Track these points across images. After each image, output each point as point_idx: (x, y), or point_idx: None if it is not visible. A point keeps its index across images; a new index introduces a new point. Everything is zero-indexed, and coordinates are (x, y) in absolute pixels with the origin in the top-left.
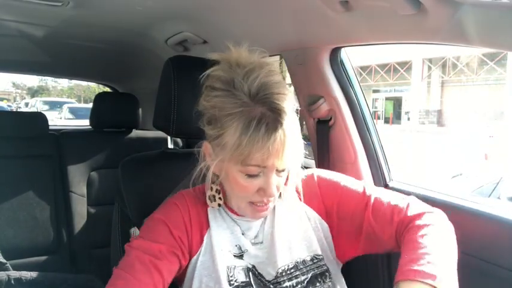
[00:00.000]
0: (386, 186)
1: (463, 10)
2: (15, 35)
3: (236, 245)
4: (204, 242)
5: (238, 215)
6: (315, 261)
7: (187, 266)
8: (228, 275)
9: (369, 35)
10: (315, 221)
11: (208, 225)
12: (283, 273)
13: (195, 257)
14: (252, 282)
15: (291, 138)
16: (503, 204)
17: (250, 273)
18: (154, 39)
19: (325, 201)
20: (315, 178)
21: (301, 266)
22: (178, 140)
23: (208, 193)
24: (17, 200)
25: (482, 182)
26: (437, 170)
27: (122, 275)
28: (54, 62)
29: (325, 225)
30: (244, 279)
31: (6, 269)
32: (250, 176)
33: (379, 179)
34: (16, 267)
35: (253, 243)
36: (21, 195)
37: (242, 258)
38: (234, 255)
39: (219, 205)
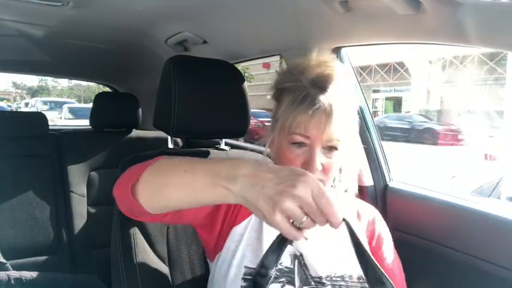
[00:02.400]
0: (386, 186)
1: (463, 10)
2: (15, 35)
3: None
4: (253, 217)
5: None
6: (361, 280)
7: (227, 235)
8: None
9: (369, 35)
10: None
11: None
12: (328, 278)
13: (238, 228)
14: (296, 271)
15: (338, 117)
16: (503, 204)
17: (296, 261)
18: (154, 39)
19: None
20: (376, 218)
21: (348, 280)
22: (179, 140)
23: None
24: (17, 200)
25: (482, 182)
26: (436, 171)
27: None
28: (54, 62)
29: None
30: (289, 265)
31: (6, 269)
32: (294, 144)
33: (379, 179)
34: (16, 267)
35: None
36: (21, 195)
37: (291, 244)
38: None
39: None
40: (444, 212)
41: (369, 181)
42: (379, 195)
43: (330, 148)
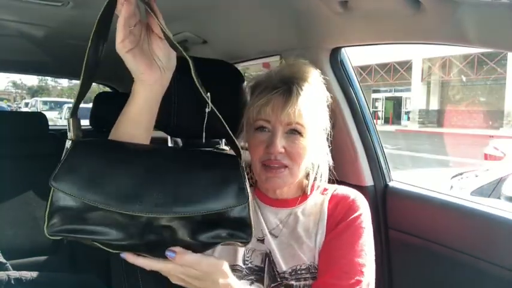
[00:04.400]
0: (386, 186)
1: (462, 10)
2: (15, 35)
3: (261, 229)
4: None
5: (264, 202)
6: (312, 270)
7: None
8: (245, 255)
9: (369, 35)
10: (324, 234)
11: None
12: (293, 272)
13: None
14: (265, 269)
15: (296, 100)
16: (503, 204)
17: (267, 259)
18: None
19: (334, 224)
20: (351, 200)
21: (313, 271)
22: (179, 140)
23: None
24: (17, 200)
25: (482, 182)
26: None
27: None
28: (54, 62)
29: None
30: (259, 264)
31: (6, 269)
32: (257, 129)
33: (379, 179)
34: (16, 267)
35: (271, 233)
36: (21, 195)
37: (263, 243)
38: (258, 239)
39: (251, 185)
40: (444, 212)
41: (369, 181)
42: (379, 195)
43: (293, 132)
